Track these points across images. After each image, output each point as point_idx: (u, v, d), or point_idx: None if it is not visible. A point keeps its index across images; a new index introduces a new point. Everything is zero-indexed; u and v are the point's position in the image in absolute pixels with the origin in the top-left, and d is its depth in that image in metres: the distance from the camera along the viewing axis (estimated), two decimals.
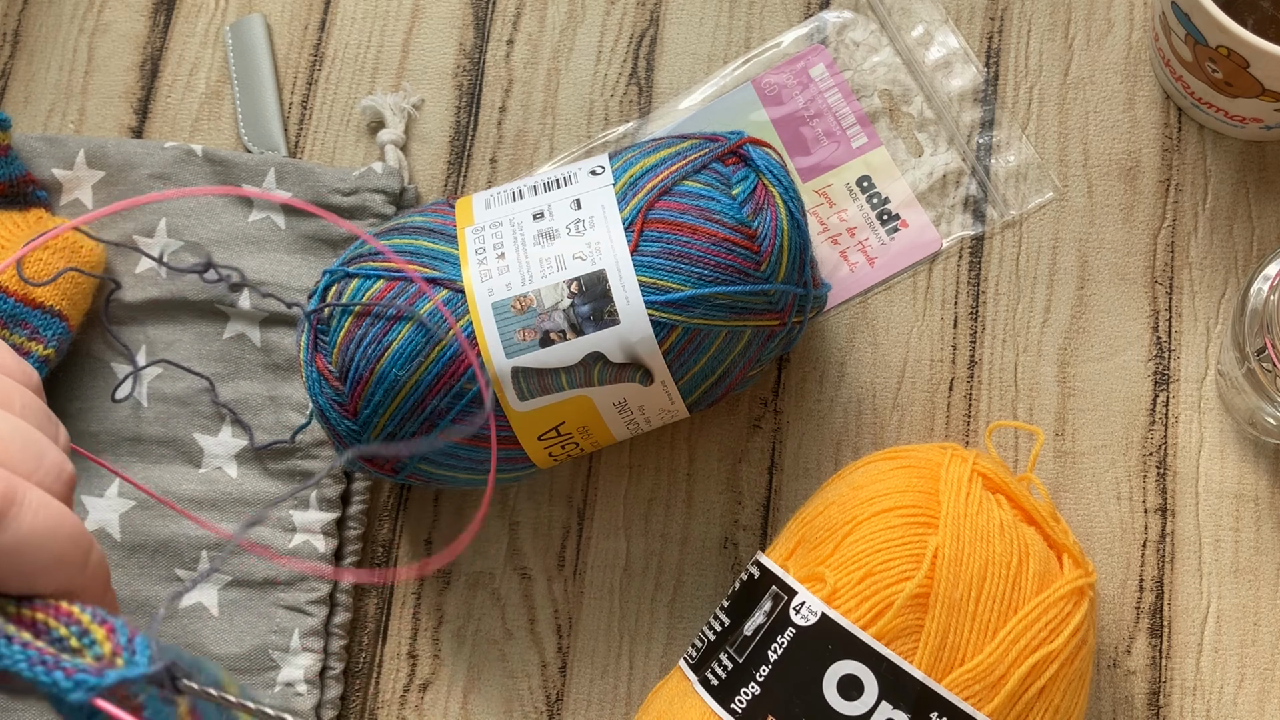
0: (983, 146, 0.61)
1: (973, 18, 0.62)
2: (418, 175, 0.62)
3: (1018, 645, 0.48)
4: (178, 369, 0.59)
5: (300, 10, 0.64)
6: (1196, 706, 0.55)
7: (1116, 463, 0.57)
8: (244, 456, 0.58)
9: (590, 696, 0.57)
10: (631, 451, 0.59)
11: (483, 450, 0.52)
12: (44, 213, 0.60)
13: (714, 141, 0.53)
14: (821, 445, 0.58)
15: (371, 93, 0.63)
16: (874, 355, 0.59)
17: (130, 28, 0.65)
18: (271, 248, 0.60)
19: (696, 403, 0.54)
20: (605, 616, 0.57)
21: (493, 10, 0.64)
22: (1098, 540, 0.57)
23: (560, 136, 0.62)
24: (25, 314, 0.56)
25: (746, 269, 0.51)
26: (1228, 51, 0.53)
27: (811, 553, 0.50)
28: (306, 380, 0.52)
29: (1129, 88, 0.61)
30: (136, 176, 0.61)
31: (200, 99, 0.63)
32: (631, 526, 0.58)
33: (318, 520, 0.57)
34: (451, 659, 0.57)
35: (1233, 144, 0.60)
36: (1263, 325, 0.52)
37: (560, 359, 0.50)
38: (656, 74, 0.63)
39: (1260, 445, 0.57)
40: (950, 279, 0.60)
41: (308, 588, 0.56)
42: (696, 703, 0.49)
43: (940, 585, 0.48)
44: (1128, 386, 0.58)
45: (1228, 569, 0.56)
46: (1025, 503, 0.51)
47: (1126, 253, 0.59)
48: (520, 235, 0.51)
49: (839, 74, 0.62)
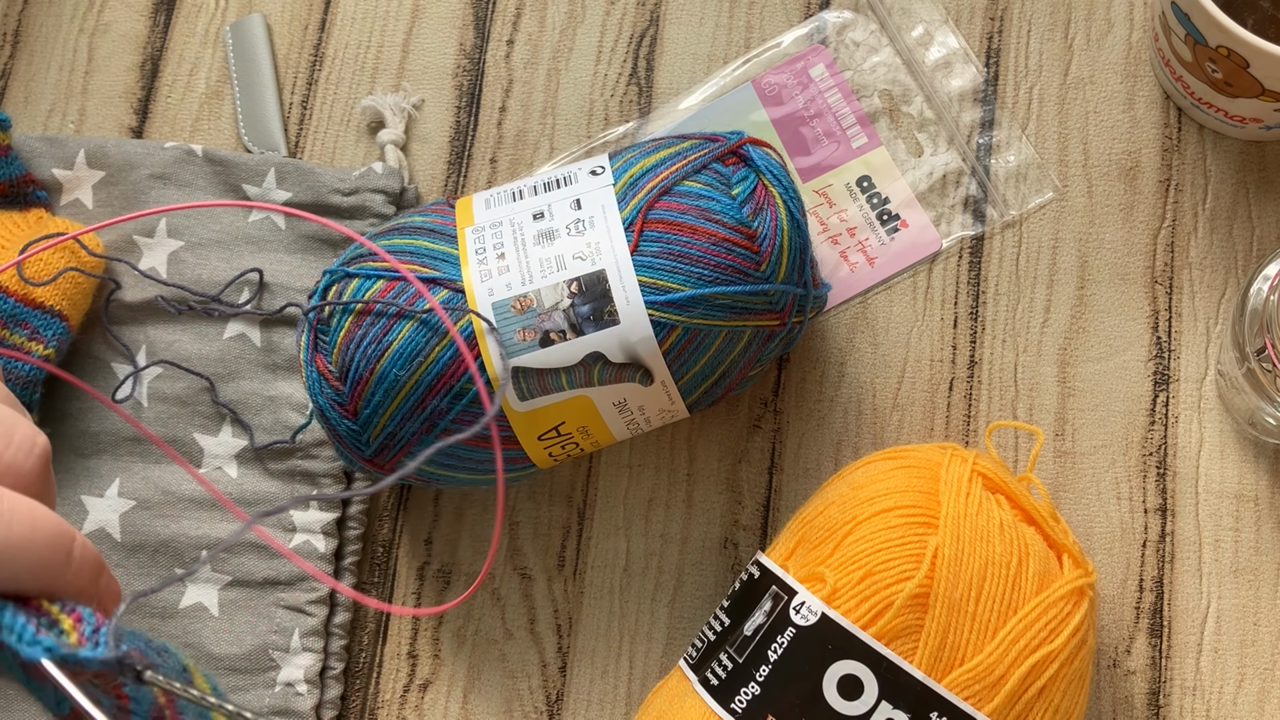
0: (983, 146, 0.61)
1: (973, 18, 0.62)
2: (418, 175, 0.62)
3: (1018, 645, 0.48)
4: (178, 369, 0.59)
5: (300, 10, 0.64)
6: (1196, 706, 0.55)
7: (1116, 463, 0.57)
8: (244, 456, 0.58)
9: (590, 696, 0.57)
10: (631, 451, 0.59)
11: (483, 450, 0.52)
12: (44, 213, 0.60)
13: (714, 141, 0.53)
14: (821, 445, 0.58)
15: (371, 93, 0.63)
16: (874, 355, 0.59)
17: (130, 28, 0.65)
18: (272, 248, 0.60)
19: (696, 403, 0.54)
20: (605, 616, 0.57)
21: (493, 10, 0.64)
22: (1098, 540, 0.57)
23: (560, 136, 0.62)
24: (25, 314, 0.56)
25: (746, 269, 0.51)
26: (1228, 51, 0.53)
27: (811, 553, 0.50)
28: (307, 380, 0.52)
29: (1129, 88, 0.61)
30: (136, 176, 0.61)
31: (200, 99, 0.63)
32: (631, 526, 0.58)
33: (318, 520, 0.57)
34: (451, 659, 0.57)
35: (1233, 144, 0.60)
36: (1263, 325, 0.52)
37: (560, 359, 0.50)
38: (656, 74, 0.63)
39: (1260, 445, 0.57)
40: (950, 279, 0.60)
41: (308, 588, 0.56)
42: (696, 703, 0.49)
43: (940, 585, 0.48)
44: (1128, 386, 0.58)
45: (1228, 569, 0.56)
46: (1025, 503, 0.51)
47: (1126, 253, 0.59)
48: (520, 235, 0.51)
49: (839, 74, 0.62)
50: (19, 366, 0.56)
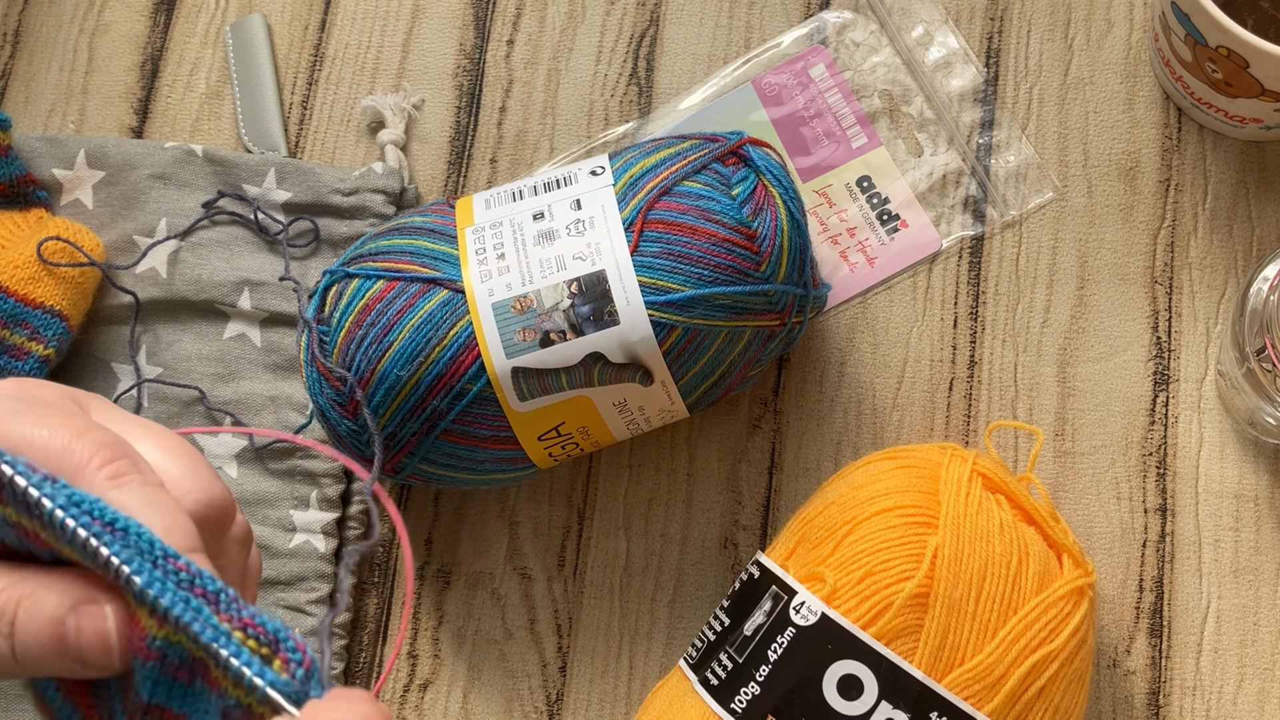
0: (983, 146, 0.61)
1: (973, 18, 0.62)
2: (418, 175, 0.62)
3: (1018, 645, 0.48)
4: (177, 366, 0.59)
5: (300, 10, 0.64)
6: (1196, 706, 0.55)
7: (1116, 463, 0.57)
8: (244, 457, 0.58)
9: (590, 696, 0.57)
10: (631, 451, 0.59)
11: (482, 450, 0.52)
12: (44, 213, 0.60)
13: (714, 142, 0.53)
14: (821, 445, 0.58)
15: (371, 93, 0.63)
16: (874, 355, 0.59)
17: (130, 28, 0.65)
18: (272, 247, 0.60)
19: (696, 403, 0.54)
20: (605, 616, 0.57)
21: (493, 10, 0.64)
22: (1098, 540, 0.57)
23: (560, 136, 0.62)
24: (25, 314, 0.56)
25: (746, 269, 0.51)
26: (1228, 52, 0.53)
27: (811, 553, 0.50)
28: (307, 381, 0.52)
29: (1129, 88, 0.61)
30: (136, 176, 0.61)
31: (200, 99, 0.63)
32: (631, 526, 0.58)
33: (318, 520, 0.57)
34: (451, 659, 0.57)
35: (1233, 144, 0.60)
36: (1263, 325, 0.52)
37: (560, 359, 0.50)
38: (656, 74, 0.63)
39: (1260, 445, 0.57)
40: (950, 279, 0.60)
41: (308, 588, 0.56)
42: (696, 703, 0.49)
43: (940, 585, 0.48)
44: (1128, 386, 0.58)
45: (1228, 569, 0.56)
46: (1025, 503, 0.51)
47: (1126, 253, 0.59)
48: (520, 235, 0.51)
49: (839, 74, 0.62)
50: (19, 366, 0.56)
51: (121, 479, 0.32)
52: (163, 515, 0.32)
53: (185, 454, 0.35)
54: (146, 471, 0.33)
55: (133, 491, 0.32)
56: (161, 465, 0.34)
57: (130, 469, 0.32)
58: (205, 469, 0.35)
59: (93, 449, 0.32)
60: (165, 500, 0.32)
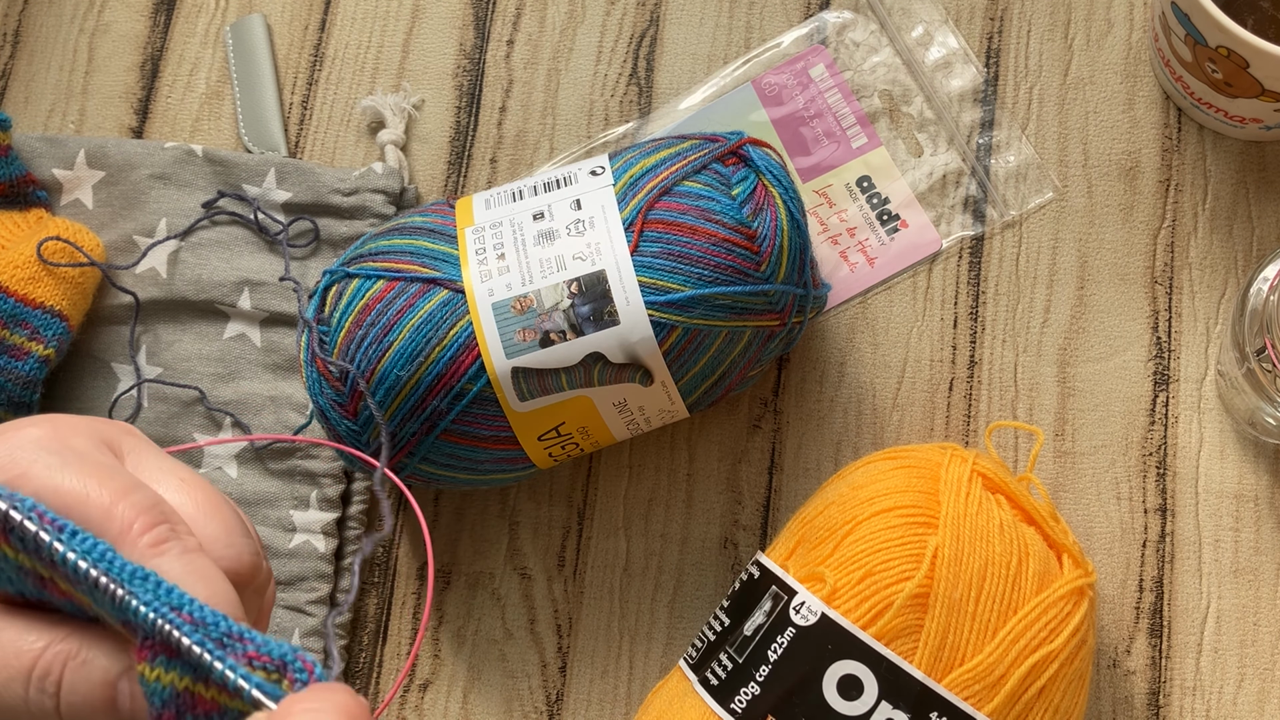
0: (983, 147, 0.61)
1: (973, 18, 0.62)
2: (418, 175, 0.62)
3: (1018, 645, 0.48)
4: (177, 366, 0.59)
5: (300, 10, 0.64)
6: (1196, 706, 0.55)
7: (1116, 463, 0.57)
8: (244, 457, 0.58)
9: (590, 696, 0.57)
10: (631, 451, 0.59)
11: (482, 450, 0.52)
12: (44, 213, 0.60)
13: (714, 142, 0.53)
14: (821, 445, 0.58)
15: (371, 93, 0.63)
16: (874, 355, 0.59)
17: (130, 28, 0.65)
18: (272, 247, 0.60)
19: (696, 403, 0.54)
20: (605, 616, 0.57)
21: (493, 10, 0.64)
22: (1098, 540, 0.57)
23: (560, 137, 0.62)
24: (25, 314, 0.56)
25: (746, 269, 0.51)
26: (1228, 52, 0.53)
27: (811, 553, 0.50)
28: (307, 381, 0.52)
29: (1129, 88, 0.61)
30: (137, 176, 0.61)
31: (200, 99, 0.63)
32: (631, 526, 0.58)
33: (318, 520, 0.57)
34: (451, 659, 0.57)
35: (1233, 144, 0.60)
36: (1263, 325, 0.52)
37: (560, 359, 0.50)
38: (656, 74, 0.63)
39: (1260, 445, 0.57)
40: (950, 279, 0.60)
41: (308, 588, 0.56)
42: (696, 703, 0.49)
43: (940, 585, 0.48)
44: (1128, 386, 0.58)
45: (1228, 569, 0.56)
46: (1025, 503, 0.51)
47: (1126, 253, 0.59)
48: (520, 235, 0.51)
49: (839, 74, 0.62)
50: (19, 366, 0.56)
51: (162, 546, 0.32)
52: (206, 585, 0.32)
53: (222, 512, 0.35)
54: (185, 536, 0.33)
55: (174, 560, 0.32)
56: (198, 524, 0.34)
57: (170, 535, 0.33)
58: (239, 527, 0.35)
59: (134, 513, 0.32)
60: (208, 569, 0.33)
